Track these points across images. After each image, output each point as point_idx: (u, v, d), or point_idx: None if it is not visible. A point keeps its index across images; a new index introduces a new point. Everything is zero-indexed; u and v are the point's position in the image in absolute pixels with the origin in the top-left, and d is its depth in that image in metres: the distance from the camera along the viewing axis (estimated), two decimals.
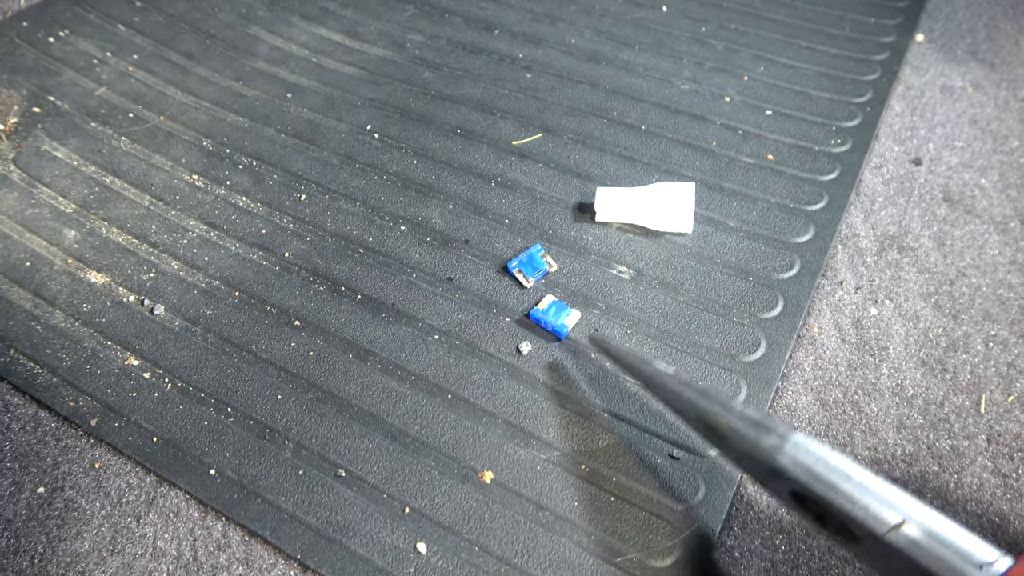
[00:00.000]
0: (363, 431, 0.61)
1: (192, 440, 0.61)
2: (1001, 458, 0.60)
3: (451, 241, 0.74)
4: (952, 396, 0.63)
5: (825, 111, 0.85)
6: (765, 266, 0.71)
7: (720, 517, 0.56)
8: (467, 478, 0.59)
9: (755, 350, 0.65)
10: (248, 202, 0.79)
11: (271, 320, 0.69)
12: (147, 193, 0.80)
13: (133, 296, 0.71)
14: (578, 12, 1.00)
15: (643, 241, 0.73)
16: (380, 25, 1.00)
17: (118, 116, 0.88)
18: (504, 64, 0.93)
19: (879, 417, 0.63)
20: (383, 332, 0.67)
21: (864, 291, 0.70)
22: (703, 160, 0.80)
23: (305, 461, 0.60)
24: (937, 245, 0.74)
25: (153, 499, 0.59)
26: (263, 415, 0.62)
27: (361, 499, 0.58)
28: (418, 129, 0.86)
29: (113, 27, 1.00)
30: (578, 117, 0.86)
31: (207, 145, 0.85)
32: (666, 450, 0.59)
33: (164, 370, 0.66)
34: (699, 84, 0.89)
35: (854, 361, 0.66)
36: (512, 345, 0.66)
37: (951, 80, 0.90)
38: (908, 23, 0.96)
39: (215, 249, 0.75)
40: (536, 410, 0.62)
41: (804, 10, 0.98)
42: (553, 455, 0.59)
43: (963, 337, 0.67)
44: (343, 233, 0.75)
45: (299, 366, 0.65)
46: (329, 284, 0.71)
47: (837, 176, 0.78)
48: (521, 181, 0.79)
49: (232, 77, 0.93)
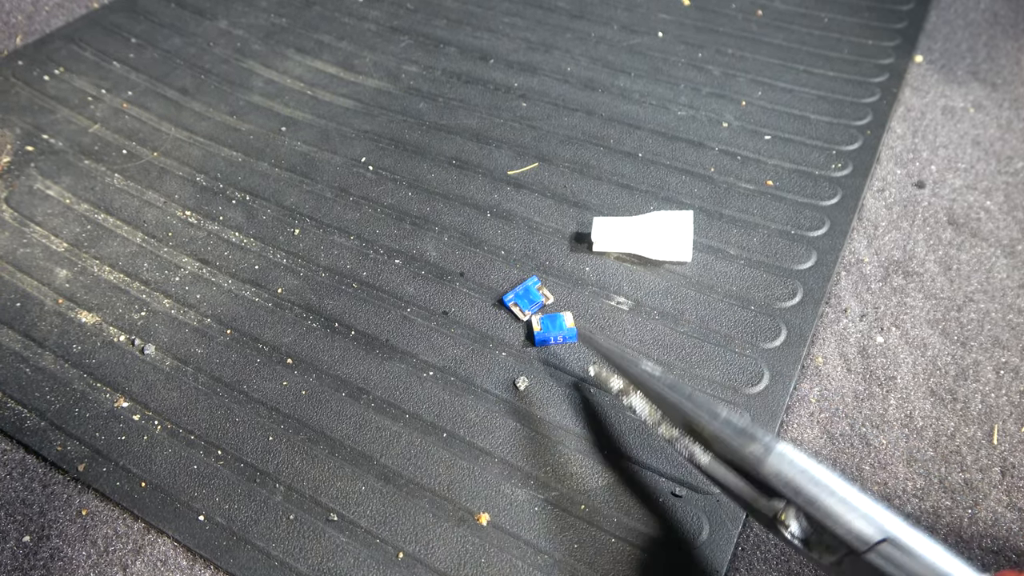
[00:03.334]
0: (356, 473, 0.60)
1: (181, 485, 0.59)
2: (1016, 491, 0.58)
3: (446, 274, 0.73)
4: (963, 427, 0.61)
5: (825, 135, 0.84)
6: (767, 294, 0.69)
7: (725, 558, 0.54)
8: (463, 521, 0.57)
9: (758, 382, 0.64)
10: (241, 237, 0.78)
11: (263, 358, 0.67)
12: (139, 230, 0.79)
13: (124, 336, 0.70)
14: (573, 40, 1.00)
15: (641, 271, 0.72)
16: (375, 57, 1.00)
17: (111, 153, 0.88)
18: (499, 93, 0.93)
19: (888, 450, 0.60)
20: (377, 369, 0.66)
21: (869, 319, 0.69)
22: (702, 187, 0.79)
23: (296, 505, 0.58)
24: (943, 270, 0.72)
25: (140, 547, 0.57)
26: (254, 457, 0.61)
27: (354, 544, 0.56)
28: (413, 160, 0.85)
29: (108, 64, 1.00)
30: (574, 146, 0.85)
31: (200, 180, 0.84)
32: (669, 488, 0.58)
33: (154, 412, 0.64)
34: (696, 110, 0.88)
35: (861, 392, 0.64)
36: (508, 380, 0.64)
37: (952, 101, 0.89)
38: (907, 44, 0.95)
39: (207, 286, 0.74)
40: (533, 448, 0.60)
41: (801, 34, 0.98)
42: (551, 495, 0.58)
43: (973, 365, 0.65)
44: (337, 268, 0.74)
45: (291, 406, 0.64)
46: (322, 320, 0.70)
47: (839, 201, 0.77)
48: (517, 212, 0.78)
49: (226, 111, 0.93)
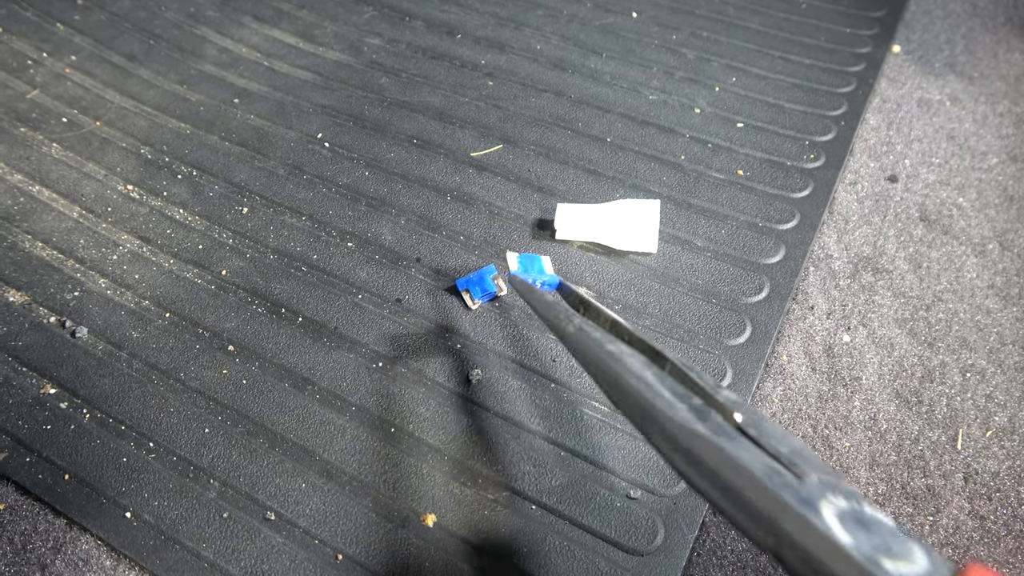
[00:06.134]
0: (297, 469, 0.56)
1: (108, 479, 0.56)
2: (978, 498, 0.56)
3: (402, 259, 0.70)
4: (928, 431, 0.60)
5: (798, 124, 0.81)
6: (733, 289, 0.67)
7: (680, 564, 0.52)
8: (407, 521, 0.54)
9: (721, 379, 0.61)
10: (185, 215, 0.74)
11: (203, 344, 0.64)
12: (77, 204, 0.74)
13: (54, 317, 0.66)
14: (545, 17, 0.96)
15: (605, 261, 0.69)
16: (337, 28, 0.95)
17: (50, 121, 0.82)
18: (465, 71, 0.89)
19: (851, 453, 0.59)
20: (324, 358, 0.63)
21: (836, 316, 0.67)
22: (671, 175, 0.76)
23: (231, 503, 0.55)
24: (913, 267, 0.70)
25: (61, 545, 0.53)
26: (188, 451, 0.57)
27: (290, 545, 0.53)
28: (372, 138, 0.81)
29: (51, 26, 0.95)
30: (541, 128, 0.81)
31: (145, 153, 0.79)
32: (624, 490, 0.55)
33: (83, 400, 0.60)
34: (668, 94, 0.85)
35: (825, 392, 0.62)
36: (462, 373, 0.61)
37: (928, 93, 0.87)
38: (885, 34, 0.93)
39: (147, 266, 0.69)
40: (485, 445, 0.58)
41: (778, 19, 0.95)
42: (502, 495, 0.55)
43: (939, 367, 0.63)
44: (286, 250, 0.70)
45: (230, 396, 0.60)
46: (268, 305, 0.66)
47: (810, 193, 0.75)
48: (478, 195, 0.75)
49: (176, 80, 0.88)
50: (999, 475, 0.57)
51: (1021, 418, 0.60)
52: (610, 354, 0.39)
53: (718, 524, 0.55)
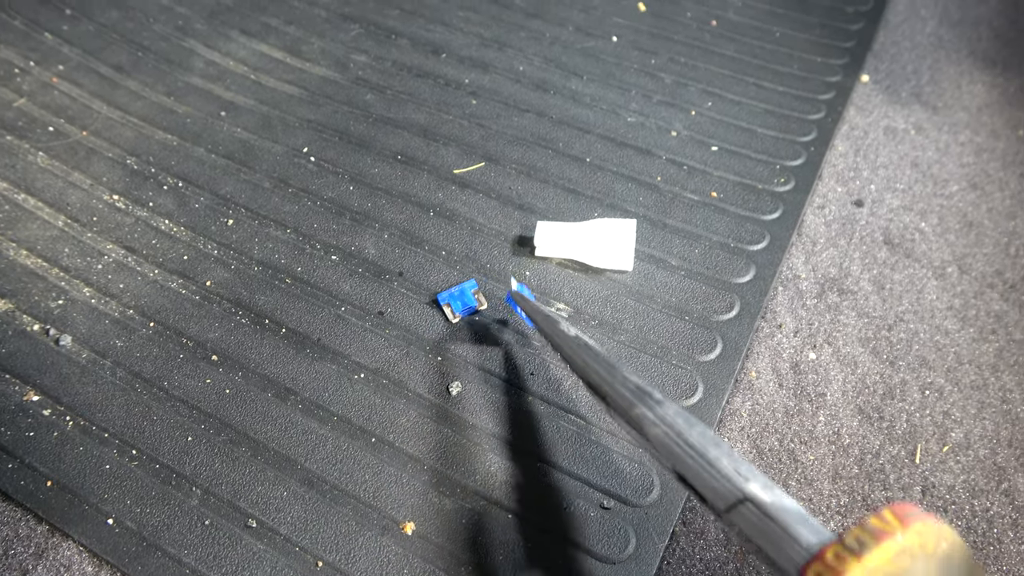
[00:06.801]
0: (278, 477, 0.58)
1: (91, 485, 0.57)
2: (935, 510, 0.59)
3: (384, 273, 0.71)
4: (888, 446, 0.62)
5: (770, 149, 0.84)
6: (705, 307, 0.69)
7: (651, 572, 0.54)
8: (387, 529, 0.55)
9: (692, 394, 0.63)
10: (171, 225, 0.75)
11: (187, 354, 0.65)
12: (62, 213, 0.75)
13: (38, 325, 0.66)
14: (528, 39, 0.99)
15: (583, 278, 0.71)
16: (324, 44, 0.97)
17: (36, 129, 0.83)
18: (449, 89, 0.91)
19: (815, 466, 0.61)
20: (306, 369, 0.64)
21: (803, 335, 0.69)
22: (647, 195, 0.79)
23: (213, 510, 0.56)
24: (877, 289, 0.73)
25: (43, 551, 0.54)
26: (170, 458, 0.58)
27: (271, 552, 0.54)
28: (357, 154, 0.83)
29: (39, 35, 0.95)
30: (522, 147, 0.84)
31: (131, 163, 0.80)
32: (598, 500, 0.57)
33: (66, 407, 0.61)
34: (646, 117, 0.88)
35: (791, 408, 0.64)
36: (442, 385, 0.63)
37: (895, 122, 0.91)
38: (854, 63, 0.97)
39: (131, 275, 0.70)
40: (464, 456, 0.59)
41: (753, 46, 0.98)
42: (480, 504, 0.57)
43: (900, 384, 0.66)
44: (271, 261, 0.72)
45: (213, 405, 0.61)
46: (252, 316, 0.68)
47: (780, 216, 0.77)
48: (460, 212, 0.77)
49: (163, 92, 0.89)
50: (955, 488, 0.60)
51: (976, 434, 0.63)
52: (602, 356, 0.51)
53: (688, 534, 0.57)
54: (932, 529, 0.33)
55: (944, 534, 0.33)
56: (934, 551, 0.32)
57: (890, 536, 0.32)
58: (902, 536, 0.32)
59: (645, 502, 0.57)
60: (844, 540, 0.33)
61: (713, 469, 0.41)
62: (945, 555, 0.32)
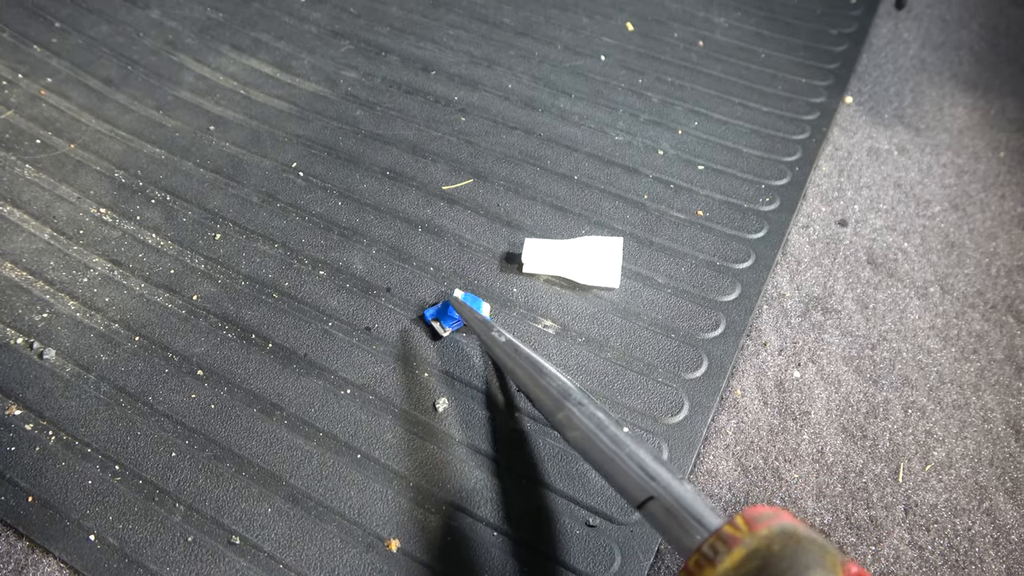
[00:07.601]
0: (263, 493, 0.57)
1: (72, 501, 0.56)
2: (918, 529, 0.59)
3: (372, 288, 0.71)
4: (871, 464, 0.63)
5: (756, 169, 0.86)
6: (691, 325, 0.70)
7: None
8: (372, 547, 0.55)
9: (678, 412, 0.64)
10: (158, 239, 0.75)
11: (172, 369, 0.64)
12: (48, 226, 0.75)
13: (22, 338, 0.66)
14: (517, 57, 1.00)
15: (570, 295, 0.71)
16: (314, 60, 0.97)
17: (24, 142, 0.83)
18: (439, 106, 0.91)
19: (799, 485, 0.62)
20: (293, 385, 0.64)
21: (787, 353, 0.70)
22: (634, 213, 0.79)
23: (196, 526, 0.55)
24: (860, 308, 0.74)
25: (23, 568, 0.54)
26: (154, 474, 0.58)
27: (255, 569, 0.53)
28: (346, 169, 0.83)
29: (28, 47, 0.95)
30: (511, 164, 0.84)
31: (119, 177, 0.80)
32: (583, 517, 0.57)
33: (49, 421, 0.61)
34: (634, 136, 0.89)
35: (776, 426, 0.65)
36: (428, 402, 0.63)
37: (878, 143, 0.92)
38: (838, 85, 0.98)
39: (117, 289, 0.70)
40: (450, 473, 0.59)
41: (739, 67, 1.00)
42: (465, 522, 0.57)
43: (883, 403, 0.67)
44: (258, 276, 0.72)
45: (198, 420, 0.61)
46: (238, 331, 0.67)
47: (765, 235, 0.78)
48: (449, 228, 0.77)
49: (152, 106, 0.89)
50: (937, 507, 0.61)
51: (958, 453, 0.64)
52: (530, 361, 0.57)
53: (672, 552, 0.57)
54: (777, 530, 0.36)
55: (791, 533, 0.36)
56: (780, 551, 0.35)
57: (739, 542, 0.35)
58: (750, 540, 0.35)
59: (630, 520, 0.57)
60: (702, 548, 0.37)
61: (624, 470, 0.46)
62: (791, 553, 0.35)
